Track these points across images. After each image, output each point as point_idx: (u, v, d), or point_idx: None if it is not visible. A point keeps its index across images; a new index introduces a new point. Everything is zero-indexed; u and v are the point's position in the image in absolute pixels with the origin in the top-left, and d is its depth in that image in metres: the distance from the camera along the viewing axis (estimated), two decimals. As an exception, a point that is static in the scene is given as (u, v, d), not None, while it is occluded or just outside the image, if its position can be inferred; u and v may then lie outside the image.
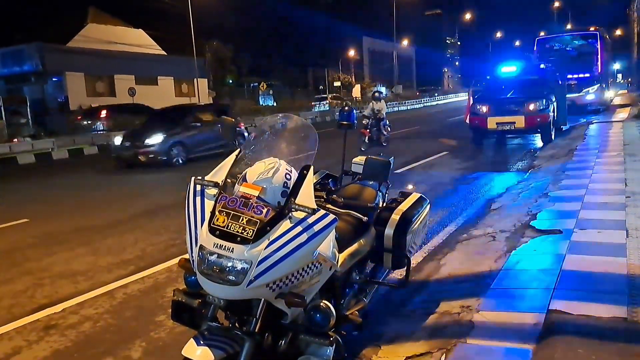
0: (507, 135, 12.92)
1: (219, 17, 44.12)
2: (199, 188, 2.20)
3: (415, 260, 4.17)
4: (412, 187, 5.44)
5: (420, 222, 3.22)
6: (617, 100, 25.05)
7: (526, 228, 4.61)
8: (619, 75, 39.29)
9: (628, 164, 7.25)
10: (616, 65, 32.99)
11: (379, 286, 3.19)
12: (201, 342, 1.99)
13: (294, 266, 1.99)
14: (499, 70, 14.96)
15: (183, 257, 2.31)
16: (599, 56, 19.11)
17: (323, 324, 2.13)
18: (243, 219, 1.97)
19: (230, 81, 50.78)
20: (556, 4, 52.47)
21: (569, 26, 35.04)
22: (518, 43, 65.52)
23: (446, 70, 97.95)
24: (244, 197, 2.04)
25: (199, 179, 2.21)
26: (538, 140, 12.49)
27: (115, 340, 3.37)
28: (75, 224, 6.64)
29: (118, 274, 4.64)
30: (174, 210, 6.93)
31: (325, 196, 2.69)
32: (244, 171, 2.17)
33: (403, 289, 3.55)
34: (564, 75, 15.06)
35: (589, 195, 5.55)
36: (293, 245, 1.95)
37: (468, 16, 73.40)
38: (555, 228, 4.45)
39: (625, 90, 32.85)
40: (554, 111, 12.21)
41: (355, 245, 2.69)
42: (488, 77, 16.10)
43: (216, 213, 2.03)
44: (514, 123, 11.73)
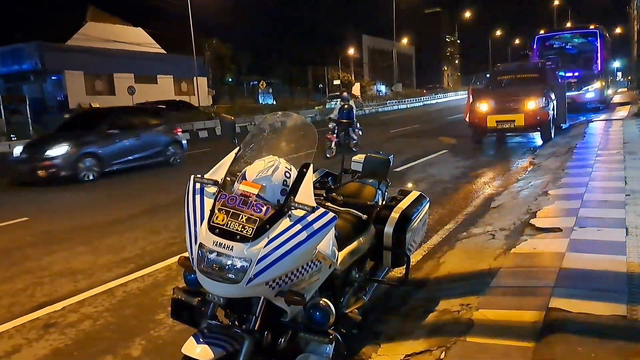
0: (507, 134, 12.93)
1: (219, 16, 44.13)
2: (198, 186, 2.19)
3: (414, 258, 4.17)
4: (412, 185, 5.45)
5: (420, 220, 3.22)
6: (617, 98, 25.04)
7: (526, 226, 4.60)
8: (619, 74, 39.28)
9: (628, 162, 7.25)
10: (616, 64, 32.97)
11: (378, 284, 3.19)
12: (201, 340, 1.99)
13: (293, 264, 1.99)
14: (498, 68, 14.96)
15: (182, 256, 2.31)
16: (599, 54, 19.07)
17: (323, 322, 2.14)
18: (242, 217, 1.97)
19: (230, 79, 50.78)
20: (556, 2, 52.39)
21: (569, 24, 34.96)
22: (518, 41, 65.51)
23: (446, 69, 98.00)
24: (244, 195, 2.04)
25: (199, 177, 2.21)
26: (538, 138, 12.50)
27: (115, 338, 3.37)
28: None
29: (118, 272, 4.64)
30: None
31: (324, 194, 2.70)
32: (244, 169, 2.17)
33: (403, 287, 3.55)
34: (563, 73, 15.04)
35: (589, 194, 5.54)
36: (293, 244, 1.95)
37: (468, 14, 73.30)
38: (555, 226, 4.44)
39: (625, 88, 32.85)
40: (553, 109, 12.20)
41: (354, 244, 2.70)
42: (488, 75, 16.10)
43: (216, 211, 2.03)
44: (514, 121, 11.72)
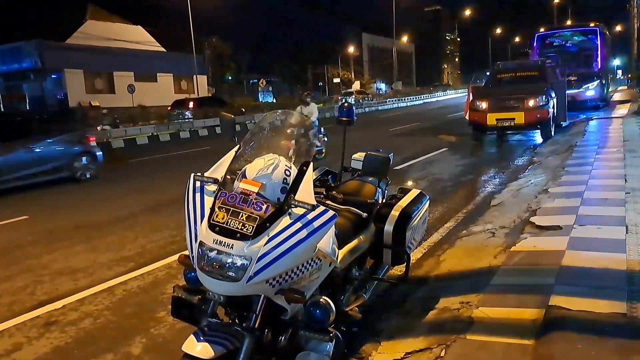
0: (507, 132, 12.92)
1: (218, 14, 44.10)
2: (198, 184, 2.19)
3: (414, 256, 4.18)
4: (412, 184, 5.45)
5: (420, 218, 3.22)
6: (617, 96, 25.02)
7: (526, 224, 4.61)
8: (619, 72, 39.24)
9: (628, 160, 7.25)
10: (616, 62, 32.96)
11: (378, 282, 3.19)
12: (201, 338, 1.99)
13: (293, 262, 1.99)
14: (498, 66, 14.94)
15: (183, 254, 2.31)
16: (599, 52, 19.06)
17: (323, 320, 2.14)
18: (243, 215, 1.97)
19: (230, 78, 50.74)
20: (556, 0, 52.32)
21: (569, 22, 34.92)
22: (518, 39, 65.48)
23: (446, 67, 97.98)
24: (244, 194, 2.04)
25: (199, 175, 2.20)
26: (538, 136, 12.50)
27: (115, 336, 3.37)
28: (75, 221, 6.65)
29: (118, 270, 4.64)
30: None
31: (324, 192, 2.69)
32: (244, 167, 2.16)
33: (403, 285, 3.55)
34: (563, 71, 15.03)
35: (589, 192, 5.54)
36: (293, 242, 1.95)
37: (467, 12, 73.24)
38: (555, 224, 4.44)
39: (625, 87, 32.81)
40: (553, 107, 12.19)
41: (354, 242, 2.70)
42: (488, 73, 16.07)
43: (216, 209, 2.03)
44: (514, 119, 11.72)
